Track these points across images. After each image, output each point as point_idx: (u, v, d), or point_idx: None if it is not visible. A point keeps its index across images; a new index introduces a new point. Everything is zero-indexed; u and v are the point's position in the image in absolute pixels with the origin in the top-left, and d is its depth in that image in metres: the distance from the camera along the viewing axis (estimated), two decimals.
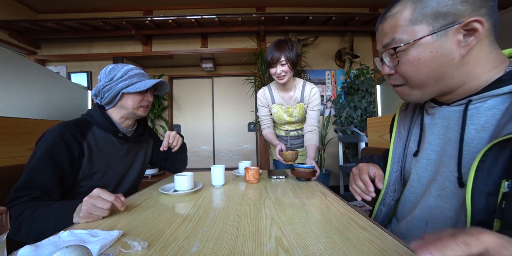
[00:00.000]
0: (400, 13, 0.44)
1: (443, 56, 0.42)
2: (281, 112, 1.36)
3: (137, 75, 0.84)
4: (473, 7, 0.40)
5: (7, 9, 2.85)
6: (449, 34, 0.41)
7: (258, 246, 0.43)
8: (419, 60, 0.44)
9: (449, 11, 0.40)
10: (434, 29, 0.41)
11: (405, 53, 0.45)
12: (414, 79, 0.46)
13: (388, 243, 0.43)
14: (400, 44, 0.44)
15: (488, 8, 0.41)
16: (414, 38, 0.43)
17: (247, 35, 3.24)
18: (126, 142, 0.90)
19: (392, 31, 0.45)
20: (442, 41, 0.41)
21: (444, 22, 0.41)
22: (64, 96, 1.54)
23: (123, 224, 0.55)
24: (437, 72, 0.43)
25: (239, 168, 1.19)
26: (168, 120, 3.74)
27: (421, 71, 0.44)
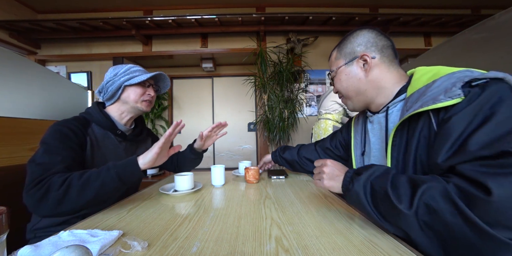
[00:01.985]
0: (333, 54, 0.74)
1: (353, 77, 0.67)
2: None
3: (139, 71, 0.89)
4: (365, 48, 0.65)
5: (7, 9, 2.85)
6: (354, 63, 0.67)
7: (258, 246, 0.43)
8: (340, 80, 0.70)
9: (352, 51, 0.67)
10: (345, 61, 0.68)
11: (335, 77, 0.72)
12: (343, 92, 0.72)
13: (388, 243, 0.43)
14: (332, 72, 0.73)
15: (379, 47, 0.64)
16: (337, 67, 0.70)
17: (247, 35, 3.23)
18: (124, 140, 0.90)
19: (330, 65, 0.75)
20: (351, 68, 0.67)
21: (351, 57, 0.67)
22: (64, 96, 1.54)
23: (123, 224, 0.55)
24: (353, 87, 0.68)
25: (239, 168, 1.19)
26: (168, 120, 3.74)
27: (343, 87, 0.70)
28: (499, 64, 0.90)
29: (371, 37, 0.65)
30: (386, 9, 3.38)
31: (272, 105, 3.02)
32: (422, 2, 3.28)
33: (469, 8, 3.43)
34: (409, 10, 3.37)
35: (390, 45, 0.65)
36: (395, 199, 0.43)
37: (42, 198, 0.58)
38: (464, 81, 0.45)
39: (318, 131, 2.08)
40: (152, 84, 0.93)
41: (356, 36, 0.68)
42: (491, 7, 3.33)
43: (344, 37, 0.71)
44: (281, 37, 3.25)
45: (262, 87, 3.06)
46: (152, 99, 0.92)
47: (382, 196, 0.46)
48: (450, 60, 1.14)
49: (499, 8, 1.03)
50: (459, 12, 3.39)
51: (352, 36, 0.69)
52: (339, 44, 0.71)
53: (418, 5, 3.34)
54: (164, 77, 0.95)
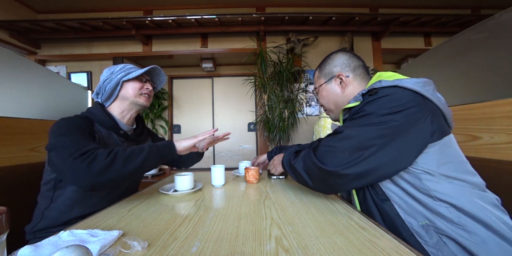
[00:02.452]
0: (315, 74, 0.88)
1: (332, 93, 0.81)
2: None
3: (134, 68, 0.92)
4: (341, 68, 0.79)
5: (7, 9, 2.85)
6: (332, 81, 0.81)
7: (258, 246, 0.43)
8: (322, 96, 0.84)
9: (330, 71, 0.81)
10: (325, 80, 0.82)
11: (318, 93, 0.86)
12: (325, 106, 0.86)
13: (388, 243, 0.43)
14: (315, 89, 0.87)
15: (351, 67, 0.79)
16: (319, 85, 0.85)
17: (247, 35, 3.23)
18: (127, 140, 0.91)
19: (314, 82, 0.89)
20: (330, 85, 0.81)
21: (329, 77, 0.81)
22: (64, 96, 1.54)
23: (123, 224, 0.55)
24: (333, 101, 0.82)
25: (239, 168, 1.19)
26: (168, 120, 3.73)
27: (325, 101, 0.84)
28: (499, 64, 0.90)
29: (345, 59, 0.80)
30: (386, 9, 3.38)
31: (272, 105, 3.02)
32: (422, 2, 3.28)
33: (469, 8, 3.43)
34: (409, 10, 3.37)
35: (361, 65, 0.80)
36: (292, 159, 0.74)
37: (89, 164, 0.61)
38: (365, 90, 0.65)
39: (318, 128, 2.16)
40: (149, 80, 0.95)
41: (333, 58, 0.82)
42: (491, 7, 3.33)
43: (324, 59, 0.86)
44: (281, 37, 3.25)
45: (262, 87, 3.06)
46: (151, 93, 0.94)
47: (290, 158, 0.75)
48: (450, 60, 1.14)
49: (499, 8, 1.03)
50: (459, 12, 3.39)
51: (329, 58, 0.83)
52: (320, 65, 0.86)
53: (418, 5, 3.34)
54: (159, 72, 0.98)
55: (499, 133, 0.75)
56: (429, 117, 0.56)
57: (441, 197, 0.55)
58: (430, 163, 0.56)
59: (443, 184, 0.55)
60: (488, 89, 0.95)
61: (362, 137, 0.57)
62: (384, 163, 0.56)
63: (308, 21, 3.00)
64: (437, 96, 0.61)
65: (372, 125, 0.58)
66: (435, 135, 0.56)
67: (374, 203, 0.63)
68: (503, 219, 0.53)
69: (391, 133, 0.56)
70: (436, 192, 0.55)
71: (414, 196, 0.57)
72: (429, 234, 0.55)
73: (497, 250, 0.49)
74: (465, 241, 0.51)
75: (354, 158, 0.57)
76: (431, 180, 0.56)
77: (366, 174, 0.57)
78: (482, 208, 0.53)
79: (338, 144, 0.60)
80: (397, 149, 0.56)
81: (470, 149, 0.85)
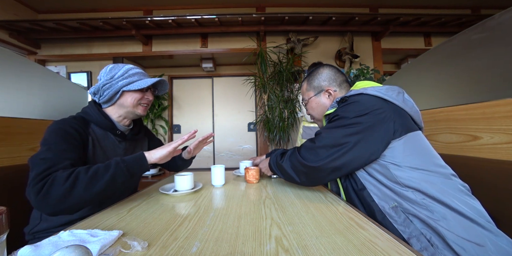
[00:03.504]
0: (304, 85, 0.95)
1: (321, 105, 0.90)
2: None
3: (138, 74, 0.86)
4: (329, 82, 0.89)
5: (7, 9, 2.85)
6: (321, 95, 0.89)
7: (258, 246, 0.43)
8: (312, 108, 0.93)
9: (319, 85, 0.90)
10: (315, 93, 0.91)
11: (307, 104, 0.94)
12: (314, 116, 0.95)
13: (388, 243, 0.43)
14: (305, 101, 0.95)
15: (338, 82, 0.89)
16: (308, 98, 0.92)
17: (247, 35, 3.23)
18: (124, 140, 0.90)
19: (302, 93, 0.97)
20: (319, 98, 0.90)
21: (318, 90, 0.90)
22: (64, 96, 1.54)
23: (123, 224, 0.55)
24: (321, 112, 0.90)
25: (240, 168, 1.19)
26: (168, 120, 3.73)
27: (314, 112, 0.93)
28: (499, 64, 0.90)
29: (332, 75, 0.89)
30: (386, 9, 3.38)
31: (272, 105, 3.02)
32: (422, 2, 3.28)
33: (469, 8, 3.43)
34: (409, 10, 3.37)
35: (345, 79, 0.90)
36: (279, 159, 0.83)
37: (46, 193, 0.57)
38: (339, 98, 0.77)
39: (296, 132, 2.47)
40: (151, 88, 0.91)
41: (321, 73, 0.90)
42: (491, 7, 3.33)
43: (311, 72, 0.94)
44: (281, 37, 3.25)
45: (262, 87, 3.06)
46: (149, 103, 0.91)
47: (278, 160, 0.84)
48: (450, 60, 1.14)
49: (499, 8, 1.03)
50: (459, 12, 3.39)
51: (317, 73, 0.91)
52: (308, 78, 0.94)
53: (418, 5, 3.34)
54: (163, 82, 0.93)
55: (499, 133, 0.75)
56: (391, 118, 0.67)
57: (407, 183, 0.64)
58: (395, 155, 0.66)
59: (408, 172, 0.65)
60: (488, 89, 0.95)
61: (337, 137, 0.69)
62: (357, 156, 0.67)
63: (308, 21, 3.00)
64: (403, 99, 0.72)
65: (344, 126, 0.69)
66: (397, 132, 0.67)
67: (355, 191, 0.74)
68: (466, 202, 0.61)
69: (360, 132, 0.66)
70: (402, 179, 0.65)
71: (384, 183, 0.67)
72: (398, 214, 0.64)
73: (456, 224, 0.58)
74: (427, 218, 0.60)
75: (331, 154, 0.68)
76: (398, 169, 0.66)
77: (342, 166, 0.68)
78: (444, 191, 0.62)
79: (317, 143, 0.71)
80: (366, 145, 0.66)
81: (470, 149, 0.85)
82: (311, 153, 0.71)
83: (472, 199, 0.63)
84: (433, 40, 3.40)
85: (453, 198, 0.61)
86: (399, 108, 0.70)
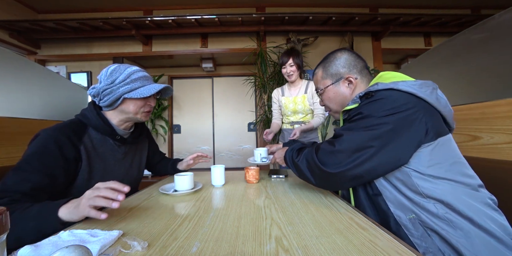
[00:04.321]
0: (318, 73, 0.83)
1: (340, 95, 0.78)
2: (288, 102, 1.74)
3: (140, 79, 0.80)
4: (349, 69, 0.76)
5: (7, 9, 2.85)
6: (340, 83, 0.78)
7: (258, 246, 0.43)
8: (329, 98, 0.81)
9: (337, 72, 0.78)
10: (332, 81, 0.79)
11: (323, 94, 0.82)
12: (331, 108, 0.83)
13: (388, 243, 0.43)
14: (319, 90, 0.83)
15: (359, 68, 0.77)
16: (325, 87, 0.80)
17: (247, 35, 3.23)
18: (124, 144, 0.87)
19: (316, 82, 0.84)
20: (338, 87, 0.78)
21: (337, 78, 0.78)
22: (64, 96, 1.54)
23: (123, 224, 0.55)
24: (341, 103, 0.79)
25: (254, 155, 1.16)
26: (168, 120, 3.74)
27: (333, 103, 0.81)
28: (499, 64, 0.90)
29: (352, 60, 0.77)
30: (386, 9, 3.38)
31: None
32: (422, 2, 3.29)
33: (469, 8, 3.44)
34: (409, 10, 3.37)
35: (365, 66, 0.78)
36: (295, 157, 0.76)
37: None
38: (362, 93, 0.66)
39: None
40: (154, 94, 0.84)
41: (339, 58, 0.78)
42: (491, 7, 3.33)
43: (326, 57, 0.81)
44: (281, 37, 3.25)
45: (262, 87, 3.06)
46: (152, 108, 0.86)
47: (294, 156, 0.76)
48: (450, 60, 1.14)
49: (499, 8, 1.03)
50: (459, 12, 3.39)
51: (334, 58, 0.79)
52: (323, 64, 0.81)
53: (418, 5, 3.34)
54: (168, 89, 0.87)
55: (499, 133, 0.75)
56: (424, 119, 0.58)
57: (429, 193, 0.57)
58: (420, 163, 0.58)
59: (432, 182, 0.58)
60: (488, 89, 0.95)
61: (360, 140, 0.60)
62: (381, 163, 0.59)
63: (308, 21, 3.00)
64: (437, 97, 0.61)
65: (369, 128, 0.60)
66: (429, 135, 0.58)
67: (368, 196, 0.68)
68: (493, 218, 0.54)
69: (387, 135, 0.58)
70: (424, 188, 0.58)
71: (403, 192, 0.60)
72: (415, 227, 0.58)
73: (480, 243, 0.52)
74: (447, 235, 0.54)
75: (353, 160, 0.60)
76: (421, 178, 0.58)
77: (364, 174, 0.60)
78: (470, 205, 0.55)
79: (338, 147, 0.63)
80: (393, 150, 0.58)
81: (470, 149, 0.85)
82: (330, 157, 0.63)
83: (499, 215, 0.56)
84: (433, 40, 3.40)
85: (480, 213, 0.54)
86: (432, 107, 0.60)
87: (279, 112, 1.83)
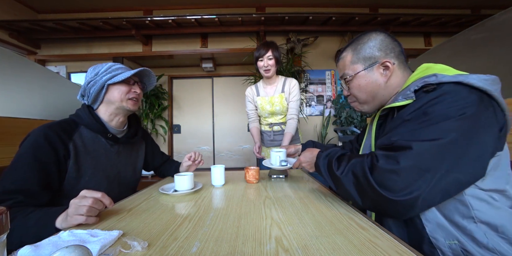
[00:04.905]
0: (346, 57, 0.70)
1: (373, 83, 0.66)
2: (265, 103, 1.55)
3: (121, 69, 0.84)
4: (385, 53, 0.64)
5: (7, 9, 2.85)
6: (374, 69, 0.65)
7: (258, 246, 0.43)
8: (359, 86, 0.68)
9: (371, 56, 0.65)
10: (365, 67, 0.66)
11: (351, 82, 0.69)
12: (359, 97, 0.70)
13: (388, 243, 0.43)
14: (347, 76, 0.69)
15: (396, 52, 0.65)
16: (355, 73, 0.67)
17: (247, 35, 3.24)
18: (116, 143, 0.87)
19: (343, 68, 0.71)
20: (371, 73, 0.66)
21: (370, 62, 0.65)
22: (64, 96, 1.54)
23: (123, 224, 0.55)
24: (372, 93, 0.67)
25: (271, 157, 1.00)
26: (168, 120, 3.74)
27: (362, 92, 0.68)
28: (499, 64, 0.90)
29: (389, 43, 0.65)
30: (386, 9, 3.38)
31: None
32: (422, 2, 3.29)
33: (469, 8, 3.44)
34: (409, 10, 3.37)
35: (402, 51, 0.66)
36: (335, 167, 0.62)
37: None
38: (418, 86, 0.54)
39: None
40: (137, 82, 0.88)
41: (374, 40, 0.65)
42: (491, 7, 3.33)
43: (357, 38, 0.68)
44: (281, 37, 3.25)
45: None
46: (139, 96, 0.87)
47: (331, 166, 0.63)
48: (450, 60, 1.14)
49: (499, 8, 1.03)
50: (459, 12, 3.39)
51: (368, 39, 0.66)
52: (353, 46, 0.68)
53: (418, 5, 3.35)
54: (149, 73, 0.89)
55: None
56: (498, 122, 0.47)
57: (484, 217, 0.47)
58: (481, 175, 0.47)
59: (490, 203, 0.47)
60: None
61: (434, 153, 0.46)
62: (460, 181, 0.46)
63: (308, 21, 3.00)
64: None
65: (442, 136, 0.46)
66: (501, 141, 0.48)
67: None
68: None
69: (465, 144, 0.45)
70: (478, 211, 0.47)
71: (447, 213, 0.49)
72: (455, 254, 0.48)
73: None
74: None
75: (426, 182, 0.45)
76: (477, 195, 0.47)
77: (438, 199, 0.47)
78: None
79: (403, 163, 0.47)
80: (473, 162, 0.46)
81: None
82: (392, 179, 0.47)
83: None
84: (433, 40, 3.40)
85: None
86: (500, 109, 0.49)
87: (255, 113, 1.64)
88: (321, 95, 3.37)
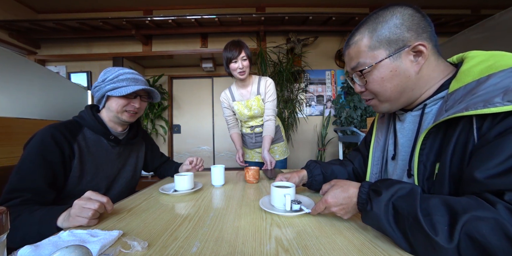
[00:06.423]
0: (361, 41, 0.52)
1: (401, 74, 0.50)
2: (242, 108, 1.43)
3: (128, 80, 0.82)
4: (417, 33, 0.48)
5: (7, 9, 2.85)
6: (402, 56, 0.49)
7: (258, 246, 0.43)
8: (382, 79, 0.51)
9: (399, 38, 0.48)
10: (390, 53, 0.49)
11: (370, 74, 0.52)
12: (381, 94, 0.53)
13: (388, 244, 0.43)
14: (365, 67, 0.51)
15: (429, 33, 0.49)
16: (376, 61, 0.50)
17: (247, 35, 3.24)
18: (118, 144, 0.89)
19: (357, 56, 0.53)
20: (398, 62, 0.49)
21: (397, 47, 0.48)
22: (64, 96, 1.54)
23: (123, 224, 0.55)
24: (399, 87, 0.51)
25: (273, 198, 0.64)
26: (168, 120, 3.74)
27: (386, 87, 0.51)
28: None
29: (420, 20, 0.48)
30: None
31: None
32: (422, 2, 3.28)
33: (469, 8, 3.44)
34: None
35: (433, 31, 0.50)
36: (429, 229, 0.34)
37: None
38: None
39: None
40: (141, 95, 0.87)
41: (401, 16, 0.48)
42: (491, 7, 3.33)
43: (375, 15, 0.51)
44: (281, 37, 3.25)
45: None
46: (138, 110, 0.87)
47: (411, 223, 0.37)
48: None
49: (499, 8, 1.03)
50: (459, 12, 3.39)
51: (393, 15, 0.48)
52: (370, 25, 0.51)
53: (418, 5, 3.34)
54: (152, 92, 0.88)
55: None
56: None
57: None
58: None
59: None
60: None
61: None
62: None
63: (308, 21, 3.00)
64: None
65: None
66: None
67: None
68: None
69: None
70: None
71: None
72: None
73: None
74: None
75: None
76: None
77: None
78: None
79: None
80: None
81: None
82: None
83: None
84: None
85: None
86: None
87: (234, 119, 1.52)
88: (321, 95, 3.37)
